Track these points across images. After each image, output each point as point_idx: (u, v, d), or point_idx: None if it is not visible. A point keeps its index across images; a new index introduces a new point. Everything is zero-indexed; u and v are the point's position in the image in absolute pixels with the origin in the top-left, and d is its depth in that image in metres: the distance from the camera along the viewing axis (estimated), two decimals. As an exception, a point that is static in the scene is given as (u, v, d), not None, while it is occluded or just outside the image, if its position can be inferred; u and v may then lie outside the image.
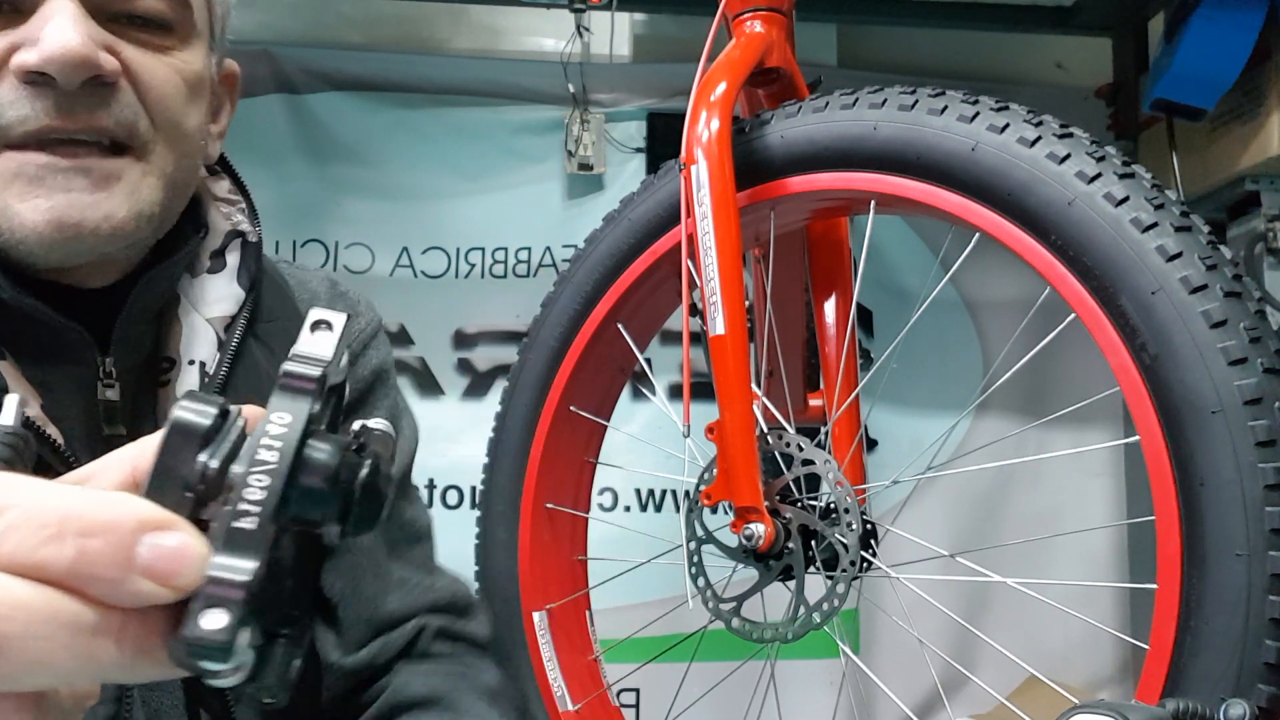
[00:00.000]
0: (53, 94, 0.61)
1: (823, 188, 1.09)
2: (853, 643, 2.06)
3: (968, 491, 2.23)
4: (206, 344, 0.72)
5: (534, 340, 1.28)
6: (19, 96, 0.61)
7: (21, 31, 0.61)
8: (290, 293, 0.83)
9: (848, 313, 1.27)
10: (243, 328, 0.74)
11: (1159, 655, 0.85)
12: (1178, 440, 0.85)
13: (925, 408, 2.15)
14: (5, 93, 0.61)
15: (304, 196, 2.22)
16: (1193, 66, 1.79)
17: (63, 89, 0.61)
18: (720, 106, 1.07)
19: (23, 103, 0.61)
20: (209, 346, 0.72)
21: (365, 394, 0.86)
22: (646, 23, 2.36)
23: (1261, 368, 0.83)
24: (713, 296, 1.04)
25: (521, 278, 2.25)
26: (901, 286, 2.25)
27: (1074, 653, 2.20)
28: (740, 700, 1.31)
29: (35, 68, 0.60)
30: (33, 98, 0.61)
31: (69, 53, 0.60)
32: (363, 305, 0.89)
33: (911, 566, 1.15)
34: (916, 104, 1.02)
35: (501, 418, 1.30)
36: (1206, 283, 0.85)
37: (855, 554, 1.04)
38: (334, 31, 2.31)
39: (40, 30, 0.60)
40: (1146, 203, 0.89)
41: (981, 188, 0.97)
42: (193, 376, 0.71)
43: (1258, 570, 0.81)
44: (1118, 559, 2.28)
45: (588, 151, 2.21)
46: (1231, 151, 1.89)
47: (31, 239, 0.62)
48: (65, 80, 0.61)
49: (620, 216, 1.23)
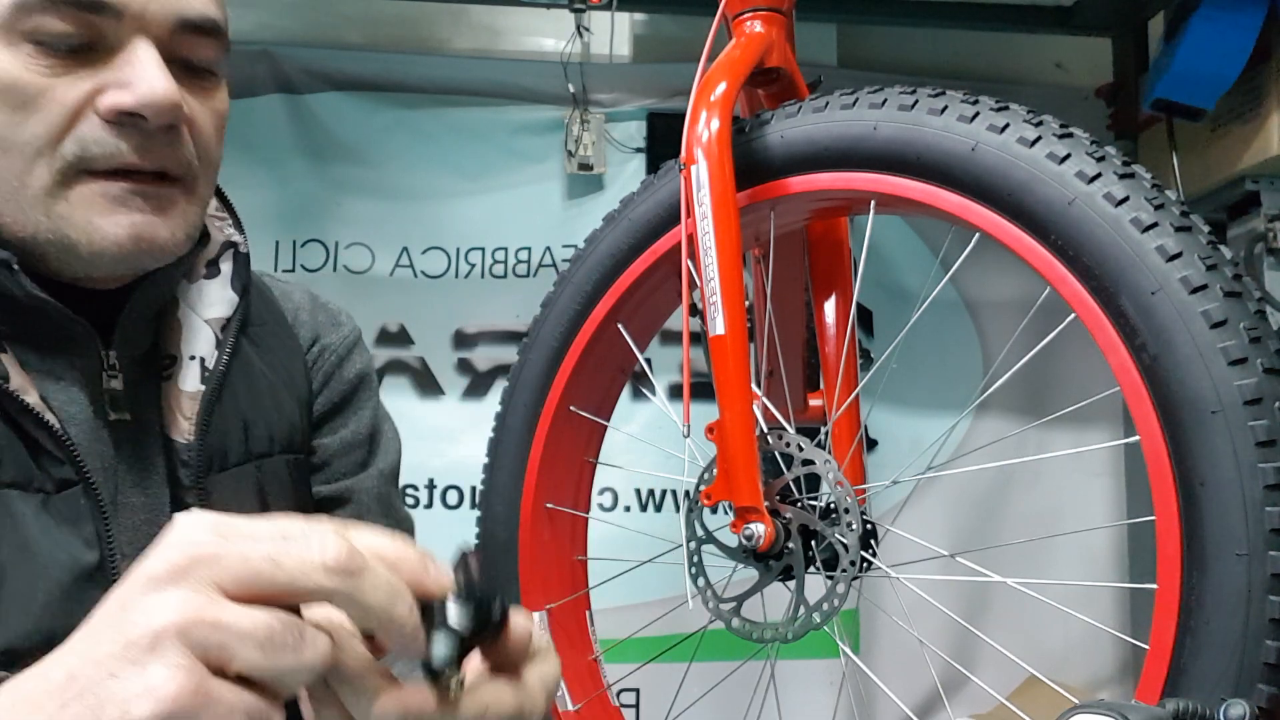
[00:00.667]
0: (137, 134, 0.68)
1: (823, 188, 1.09)
2: (853, 643, 2.06)
3: (968, 491, 2.23)
4: (205, 342, 0.79)
5: (534, 340, 1.28)
6: (105, 134, 0.68)
7: (109, 74, 0.68)
8: (275, 301, 0.90)
9: (848, 313, 1.27)
10: (236, 329, 0.81)
11: (1159, 655, 0.85)
12: (1178, 440, 0.85)
13: (925, 408, 2.15)
14: (91, 129, 0.68)
15: (304, 196, 2.22)
16: (1193, 66, 1.79)
17: (145, 131, 0.69)
18: (720, 106, 1.07)
19: (109, 140, 0.68)
20: (207, 344, 0.79)
21: (349, 397, 0.92)
22: (646, 23, 2.36)
23: (1261, 368, 0.83)
24: (713, 296, 1.04)
25: (521, 278, 2.25)
26: (901, 286, 2.25)
27: (1074, 653, 2.20)
28: (740, 700, 1.31)
29: (131, 109, 0.67)
30: (118, 136, 0.68)
31: (163, 99, 0.68)
32: (343, 316, 0.96)
33: (911, 566, 1.15)
34: (916, 104, 1.02)
35: (501, 418, 1.30)
36: (1206, 283, 0.85)
37: (855, 554, 1.04)
38: (334, 31, 2.31)
39: (133, 75, 0.67)
40: (1146, 203, 0.89)
41: (981, 188, 0.97)
42: (194, 371, 0.78)
43: (1258, 570, 0.81)
44: (1118, 559, 2.28)
45: (588, 151, 2.21)
46: (1231, 151, 1.89)
47: (111, 250, 0.69)
48: (154, 123, 0.68)
49: (620, 216, 1.23)
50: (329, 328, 0.93)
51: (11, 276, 0.69)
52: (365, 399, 0.94)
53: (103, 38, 0.68)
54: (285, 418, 0.85)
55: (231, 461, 0.80)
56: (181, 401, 0.77)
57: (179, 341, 0.78)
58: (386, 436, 0.95)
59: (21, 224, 0.69)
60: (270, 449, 0.83)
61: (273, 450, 0.84)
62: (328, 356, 0.92)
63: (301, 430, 0.88)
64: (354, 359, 0.93)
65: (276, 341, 0.87)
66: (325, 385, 0.91)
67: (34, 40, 0.66)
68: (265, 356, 0.85)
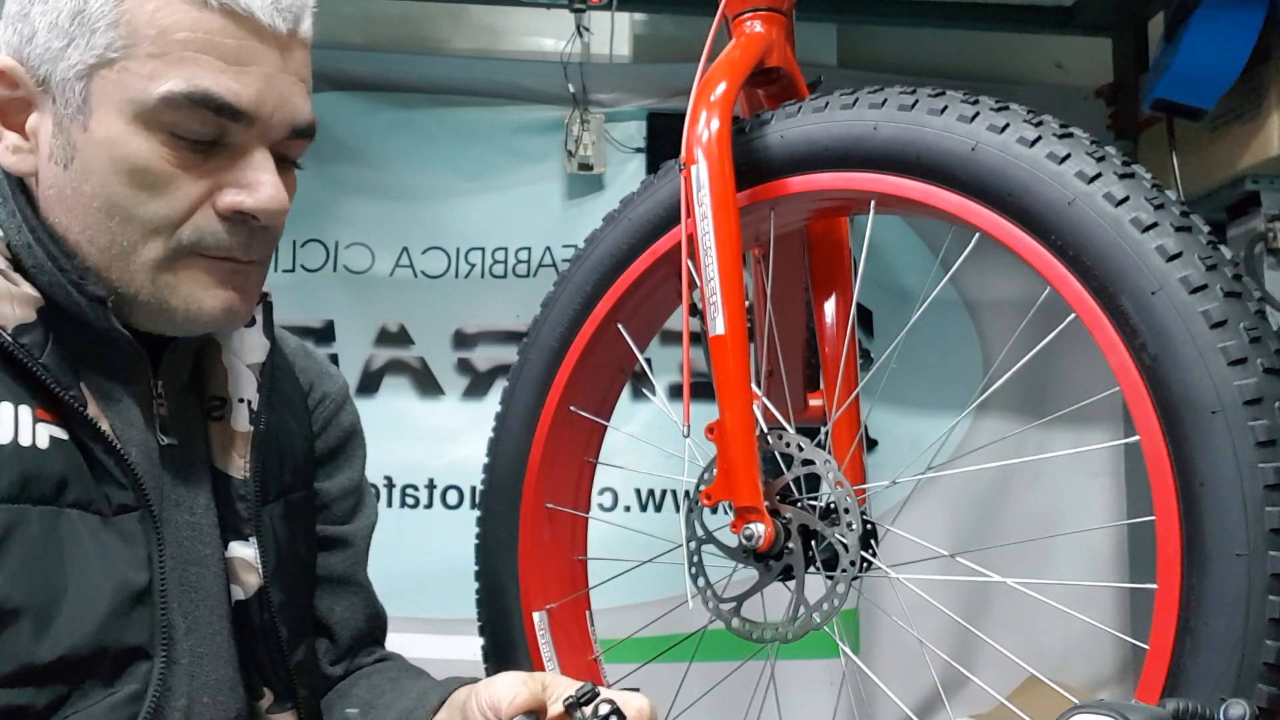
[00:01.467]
0: (245, 231, 0.77)
1: (823, 188, 1.09)
2: (853, 643, 2.06)
3: (968, 491, 2.23)
4: (249, 386, 0.87)
5: (534, 340, 1.28)
6: (219, 227, 0.76)
7: (230, 175, 0.76)
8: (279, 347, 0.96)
9: (848, 313, 1.27)
10: (268, 374, 0.89)
11: (1159, 655, 0.85)
12: (1178, 440, 0.85)
13: (925, 408, 2.15)
14: (208, 221, 0.76)
15: (304, 196, 2.16)
16: (1193, 66, 1.79)
17: (253, 228, 0.77)
18: (720, 106, 1.07)
19: (222, 234, 0.76)
20: (251, 388, 0.87)
21: (344, 445, 1.01)
22: (646, 23, 2.36)
23: (1261, 368, 0.83)
24: (713, 296, 1.04)
25: (521, 278, 2.25)
26: (901, 286, 2.25)
27: (1074, 653, 2.20)
28: (740, 700, 1.31)
29: (250, 211, 0.76)
30: (230, 231, 0.76)
31: (278, 207, 0.77)
32: (329, 367, 1.04)
33: (911, 566, 1.15)
34: (916, 104, 1.02)
35: (501, 418, 1.30)
36: (1206, 283, 0.85)
37: (855, 554, 1.04)
38: (334, 31, 2.31)
39: (254, 180, 0.76)
40: (1146, 203, 0.89)
41: (981, 188, 0.97)
42: (243, 413, 0.86)
43: (1258, 570, 0.81)
44: (1118, 559, 2.28)
45: (588, 151, 2.21)
46: (1231, 151, 1.89)
47: (205, 320, 0.78)
48: (264, 223, 0.77)
49: (620, 216, 1.23)
50: (322, 377, 1.01)
51: (104, 312, 0.76)
52: (357, 449, 1.03)
53: (228, 138, 0.75)
54: (300, 455, 0.94)
55: (271, 496, 0.88)
56: (235, 441, 0.85)
57: (226, 385, 0.86)
58: (368, 492, 1.06)
59: (125, 282, 0.76)
60: (293, 484, 0.92)
61: (295, 486, 0.92)
62: (327, 404, 1.00)
63: (310, 466, 0.96)
64: (348, 409, 1.03)
65: (287, 384, 0.95)
66: (325, 429, 0.99)
67: (170, 132, 0.73)
68: (280, 399, 0.93)
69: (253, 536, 0.83)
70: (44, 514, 0.70)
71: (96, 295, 0.75)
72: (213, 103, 0.72)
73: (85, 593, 0.71)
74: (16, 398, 0.72)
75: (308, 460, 0.95)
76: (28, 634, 0.68)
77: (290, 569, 0.88)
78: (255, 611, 0.82)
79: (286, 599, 0.86)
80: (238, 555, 0.82)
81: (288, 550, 0.88)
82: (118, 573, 0.73)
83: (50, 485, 0.71)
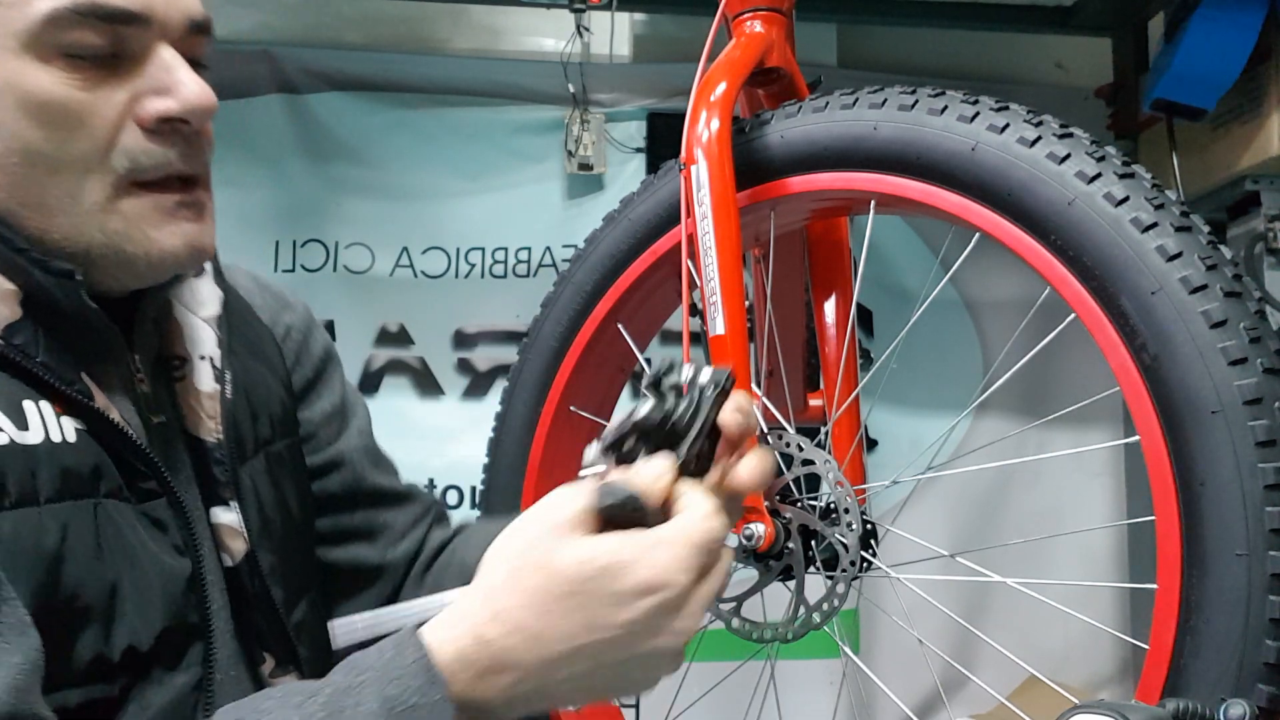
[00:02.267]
0: (180, 140, 0.70)
1: (823, 188, 1.09)
2: (853, 643, 2.06)
3: (968, 491, 2.23)
4: (209, 341, 0.81)
5: (534, 340, 1.28)
6: (151, 144, 0.69)
7: (141, 83, 0.69)
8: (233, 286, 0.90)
9: (848, 313, 1.27)
10: (226, 323, 0.83)
11: (1159, 655, 0.86)
12: (1178, 440, 0.85)
13: (925, 408, 2.15)
14: (135, 140, 0.69)
15: (304, 196, 2.22)
16: (1193, 66, 1.79)
17: (186, 135, 0.71)
18: (720, 106, 1.07)
19: (157, 150, 0.69)
20: (211, 343, 0.81)
21: (321, 372, 0.95)
22: (646, 23, 2.36)
23: (1261, 368, 0.83)
24: (713, 296, 1.04)
25: (521, 278, 2.25)
26: (901, 286, 2.25)
27: (1074, 653, 2.20)
28: (740, 700, 1.31)
29: (177, 115, 0.69)
30: (163, 144, 0.70)
31: (205, 102, 0.70)
32: (288, 294, 0.97)
33: (911, 566, 1.15)
34: (916, 104, 1.02)
35: (501, 418, 1.30)
36: (1206, 283, 0.86)
37: (855, 554, 1.04)
38: (334, 31, 2.31)
39: (169, 81, 0.69)
40: (1146, 203, 0.89)
41: (981, 188, 0.97)
42: (206, 370, 0.80)
43: (1258, 570, 0.81)
44: (1118, 559, 2.28)
45: (588, 151, 2.21)
46: (1232, 151, 1.89)
47: (169, 262, 0.72)
48: (195, 126, 0.71)
49: (620, 216, 1.23)
50: (283, 309, 0.95)
51: (75, 289, 0.70)
52: (333, 372, 0.97)
53: (128, 47, 0.69)
54: (276, 400, 0.88)
55: (249, 454, 0.82)
56: (202, 401, 0.79)
57: (183, 342, 0.80)
58: (353, 398, 0.99)
59: (74, 240, 0.70)
60: (272, 435, 0.86)
61: (274, 437, 0.86)
62: (294, 336, 0.94)
63: (289, 408, 0.90)
64: (316, 335, 0.96)
65: (248, 327, 0.89)
66: (298, 362, 0.93)
67: (66, 54, 0.67)
68: (246, 345, 0.87)
69: (233, 500, 0.78)
70: (87, 508, 0.68)
71: (63, 270, 0.69)
72: (101, 10, 0.67)
73: (138, 583, 0.69)
74: (34, 395, 0.69)
75: (285, 405, 0.89)
76: (98, 630, 0.67)
77: (279, 526, 0.83)
78: (246, 577, 0.78)
79: (277, 559, 0.81)
80: (221, 522, 0.78)
81: (274, 507, 0.83)
82: (161, 560, 0.72)
83: (87, 478, 0.69)
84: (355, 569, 0.93)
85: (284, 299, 0.96)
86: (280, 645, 0.81)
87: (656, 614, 0.62)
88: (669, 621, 0.63)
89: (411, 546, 0.95)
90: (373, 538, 0.94)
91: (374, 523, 0.95)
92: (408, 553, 0.95)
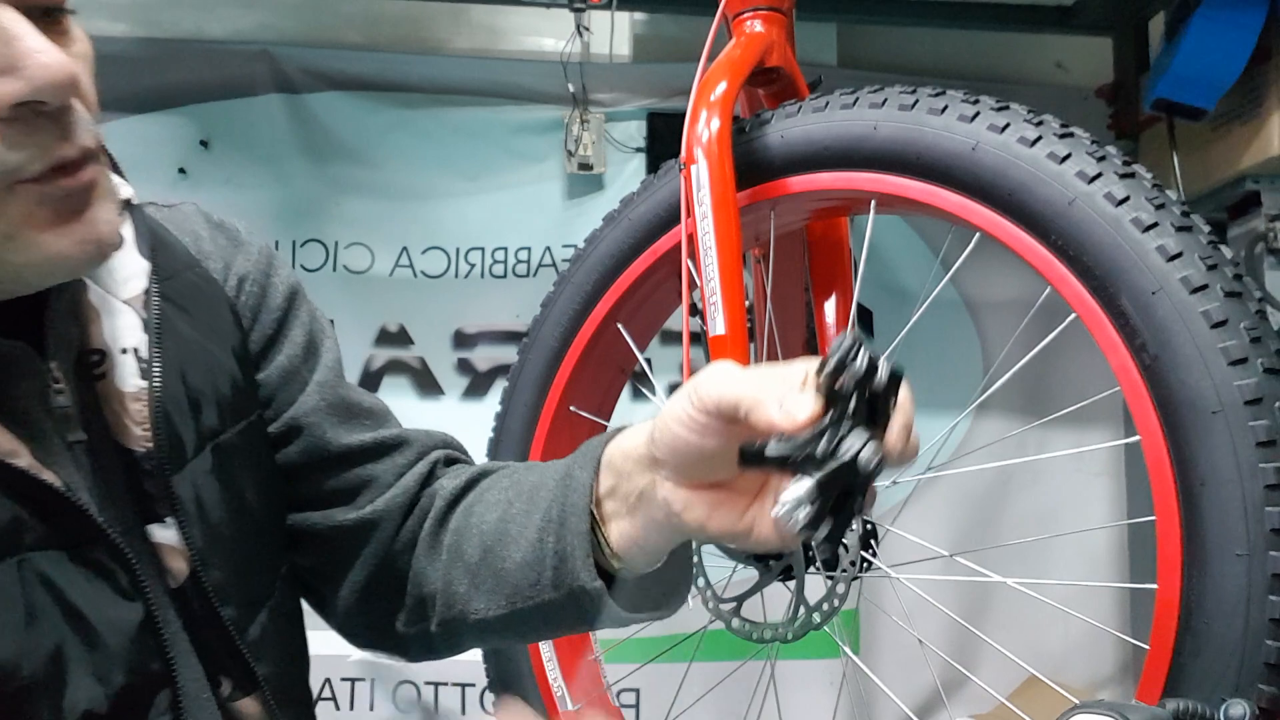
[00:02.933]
0: (45, 122, 0.57)
1: (823, 187, 1.09)
2: (853, 643, 2.06)
3: (967, 491, 2.23)
4: (131, 329, 0.68)
5: (534, 340, 1.28)
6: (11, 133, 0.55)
7: None
8: (175, 240, 0.77)
9: (848, 313, 1.27)
10: (158, 301, 0.70)
11: (1159, 655, 0.85)
12: (1178, 440, 0.85)
13: (925, 408, 2.12)
14: None
15: (304, 196, 2.22)
16: (1193, 66, 1.79)
17: (49, 114, 0.57)
18: (720, 106, 1.07)
19: (19, 139, 0.56)
20: (134, 331, 0.68)
21: (282, 323, 0.82)
22: (646, 22, 2.36)
23: (1262, 368, 0.83)
24: (713, 296, 1.04)
25: (521, 278, 2.25)
26: (901, 286, 2.25)
27: (1074, 653, 2.20)
28: (740, 700, 1.31)
29: (30, 98, 0.55)
30: (28, 133, 0.56)
31: (60, 76, 0.56)
32: (243, 232, 0.83)
33: (911, 566, 1.15)
34: (917, 104, 1.02)
35: (501, 418, 1.30)
36: (1207, 282, 0.86)
37: (855, 554, 1.04)
38: (334, 31, 2.31)
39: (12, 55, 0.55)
40: (1147, 202, 0.89)
41: (982, 187, 0.97)
42: (129, 366, 0.67)
43: (1258, 570, 0.81)
44: (1118, 559, 2.28)
45: (587, 151, 2.21)
46: (1232, 151, 1.89)
47: (62, 268, 0.61)
48: (55, 104, 0.56)
49: (620, 216, 1.23)
50: (237, 254, 0.80)
51: None
52: (295, 318, 0.83)
53: None
54: (226, 379, 0.75)
55: (190, 455, 0.70)
56: (126, 405, 0.67)
57: (100, 332, 0.67)
58: (318, 342, 0.85)
59: None
60: (222, 425, 0.73)
61: (224, 426, 0.74)
62: (249, 288, 0.80)
63: (244, 384, 0.77)
64: (275, 281, 0.82)
65: (194, 291, 0.75)
66: (255, 320, 0.80)
67: None
68: (188, 315, 0.73)
69: (169, 516, 0.67)
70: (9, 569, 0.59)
71: None
72: None
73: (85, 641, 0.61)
74: None
75: (238, 382, 0.76)
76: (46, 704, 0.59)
77: (229, 532, 0.72)
78: (193, 599, 0.68)
79: (227, 573, 0.71)
80: (160, 541, 0.67)
81: (223, 511, 0.71)
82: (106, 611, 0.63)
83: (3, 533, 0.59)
84: (336, 531, 0.80)
85: (237, 239, 0.82)
86: (236, 667, 0.71)
87: None
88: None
89: (403, 497, 0.82)
90: (352, 498, 0.81)
91: (350, 481, 0.81)
92: (397, 504, 0.81)
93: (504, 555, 0.75)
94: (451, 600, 0.78)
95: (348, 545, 0.81)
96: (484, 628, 0.78)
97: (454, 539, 0.80)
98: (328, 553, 0.81)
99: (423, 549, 0.81)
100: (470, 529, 0.79)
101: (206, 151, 2.16)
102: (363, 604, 0.82)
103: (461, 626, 0.79)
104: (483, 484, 0.82)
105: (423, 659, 0.85)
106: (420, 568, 0.81)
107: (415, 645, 0.83)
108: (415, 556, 0.81)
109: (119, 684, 0.62)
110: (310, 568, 0.82)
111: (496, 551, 0.76)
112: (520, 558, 0.74)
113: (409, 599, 0.81)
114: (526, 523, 0.75)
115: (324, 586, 0.82)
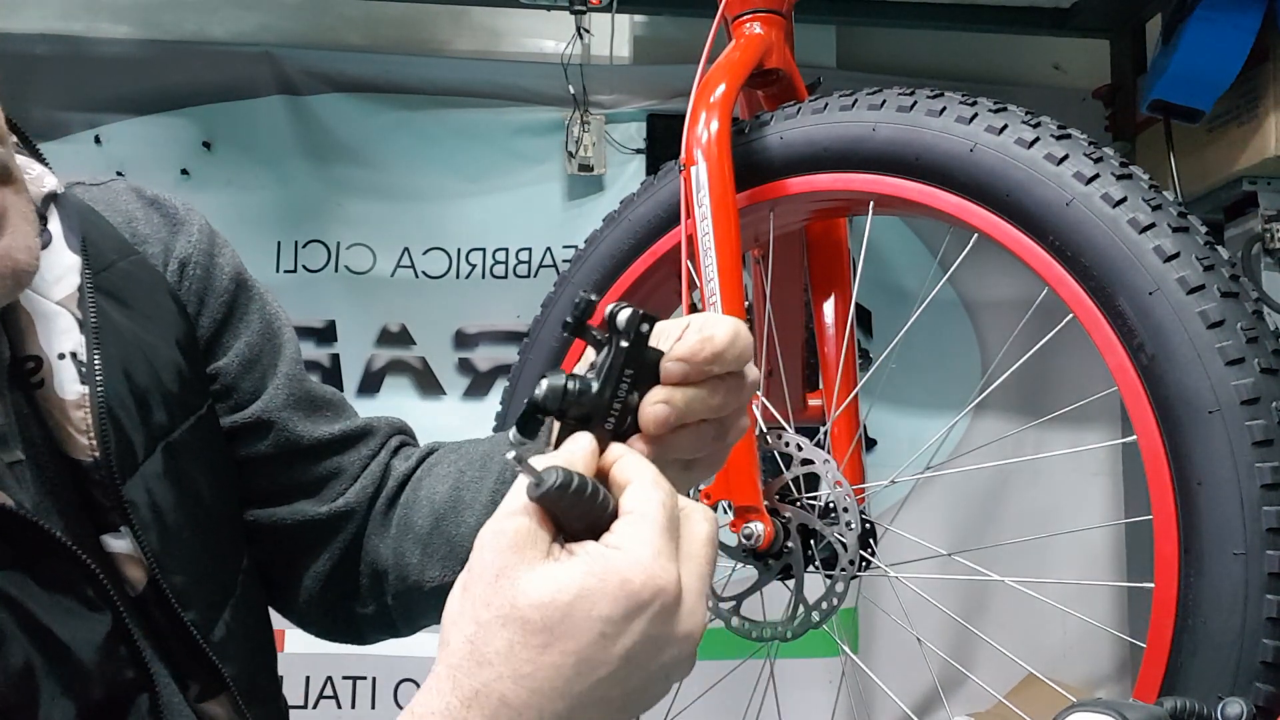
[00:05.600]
0: None
1: (822, 188, 1.09)
2: (852, 642, 2.06)
3: (966, 491, 2.24)
4: (68, 333, 0.66)
5: (534, 340, 1.28)
6: None
7: None
8: (108, 224, 0.74)
9: (847, 313, 1.27)
10: (93, 298, 0.67)
11: (1157, 654, 0.86)
12: (1175, 440, 0.86)
13: (924, 408, 2.16)
14: None
15: (305, 197, 2.23)
16: (1190, 68, 1.80)
17: None
18: (720, 108, 1.08)
19: None
20: (71, 334, 0.66)
21: (232, 307, 0.78)
22: (646, 24, 2.36)
23: (1258, 368, 0.84)
24: (712, 297, 1.05)
25: (522, 278, 2.26)
26: (901, 287, 2.25)
27: (1072, 651, 2.21)
28: (740, 699, 1.31)
29: None
30: None
31: None
32: (181, 210, 0.79)
33: (910, 566, 1.15)
34: (915, 105, 1.02)
35: (502, 418, 1.30)
36: (1204, 283, 0.86)
37: (854, 553, 1.04)
38: (335, 33, 2.32)
39: None
40: (1144, 203, 0.90)
41: (980, 188, 0.97)
42: (69, 370, 0.65)
43: (1255, 569, 0.81)
44: (1116, 558, 2.29)
45: (588, 152, 2.22)
46: (1229, 152, 1.90)
47: None
48: None
49: (620, 217, 1.24)
50: (174, 232, 0.77)
51: None
52: (247, 302, 0.80)
53: None
54: (171, 373, 0.71)
55: (141, 458, 0.68)
56: (69, 413, 0.64)
57: (35, 338, 0.64)
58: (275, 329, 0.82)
59: None
60: (171, 422, 0.71)
61: (174, 424, 0.71)
62: (191, 272, 0.76)
63: (191, 375, 0.74)
64: (219, 262, 0.78)
65: (130, 281, 0.72)
66: (202, 306, 0.76)
67: None
68: (126, 308, 0.70)
69: (123, 525, 0.65)
70: None
71: None
72: None
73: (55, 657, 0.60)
74: None
75: (185, 374, 0.73)
76: None
77: (187, 535, 0.70)
78: (154, 607, 0.67)
79: (187, 576, 0.69)
80: (115, 551, 0.65)
81: (179, 514, 0.69)
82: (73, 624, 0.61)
83: None
84: (304, 525, 0.79)
85: (175, 218, 0.78)
86: (203, 670, 0.70)
87: (654, 625, 0.49)
88: (670, 629, 0.50)
89: (371, 487, 0.81)
90: (319, 490, 0.80)
91: (318, 474, 0.80)
92: (365, 493, 0.81)
93: (458, 521, 0.77)
94: (405, 572, 0.79)
95: (314, 538, 0.80)
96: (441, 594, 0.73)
97: (403, 513, 0.80)
98: (292, 546, 0.80)
99: (373, 528, 0.81)
100: (419, 501, 0.79)
101: (209, 153, 2.17)
102: (324, 592, 0.81)
103: (417, 596, 0.79)
104: (429, 459, 0.83)
105: (383, 638, 0.85)
106: (371, 545, 0.81)
107: (374, 625, 0.83)
108: (367, 536, 0.81)
109: (94, 697, 0.61)
110: (271, 561, 0.81)
111: (450, 519, 0.77)
112: (475, 521, 0.75)
113: (363, 579, 0.81)
114: (479, 489, 0.76)
115: (284, 578, 0.81)
